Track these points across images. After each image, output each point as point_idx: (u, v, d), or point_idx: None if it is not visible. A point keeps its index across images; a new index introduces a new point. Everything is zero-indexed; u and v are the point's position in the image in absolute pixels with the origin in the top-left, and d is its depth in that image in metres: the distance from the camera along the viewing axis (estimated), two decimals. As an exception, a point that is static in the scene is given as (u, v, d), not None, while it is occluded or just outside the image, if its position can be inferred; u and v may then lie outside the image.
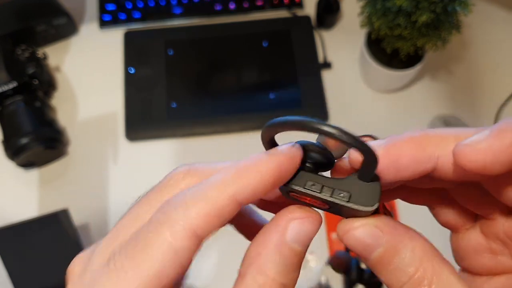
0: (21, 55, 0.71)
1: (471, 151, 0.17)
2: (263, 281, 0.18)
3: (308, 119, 0.17)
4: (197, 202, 0.18)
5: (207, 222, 0.18)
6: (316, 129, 0.17)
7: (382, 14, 0.60)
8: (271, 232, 0.19)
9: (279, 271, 0.18)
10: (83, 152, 0.73)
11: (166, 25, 0.81)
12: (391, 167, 0.18)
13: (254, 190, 0.18)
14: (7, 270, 0.57)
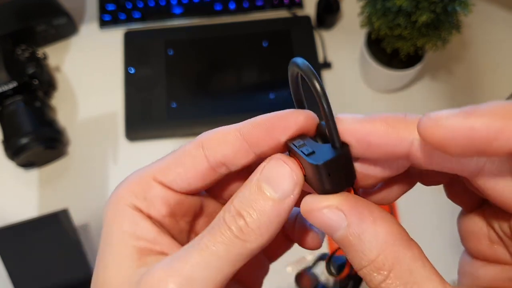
0: (21, 55, 0.71)
1: (433, 124, 0.17)
2: (228, 212, 0.19)
3: (311, 71, 0.19)
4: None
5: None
6: (309, 79, 0.19)
7: (382, 14, 0.60)
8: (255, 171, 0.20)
9: (243, 205, 0.19)
10: (83, 152, 0.73)
11: (166, 25, 0.81)
12: (361, 142, 0.19)
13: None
14: (7, 270, 0.57)
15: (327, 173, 0.19)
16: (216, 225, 0.19)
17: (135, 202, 0.21)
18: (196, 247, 0.19)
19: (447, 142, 0.16)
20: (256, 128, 0.20)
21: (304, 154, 0.19)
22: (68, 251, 0.60)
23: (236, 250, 0.19)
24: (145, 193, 0.21)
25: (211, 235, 0.19)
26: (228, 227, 0.19)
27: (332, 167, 0.19)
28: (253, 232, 0.19)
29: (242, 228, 0.19)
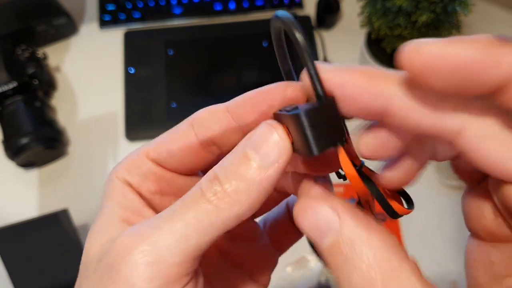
0: (21, 55, 0.71)
1: (415, 50, 0.15)
2: (206, 177, 0.19)
3: (292, 23, 0.18)
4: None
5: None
6: (290, 31, 0.18)
7: (382, 14, 0.60)
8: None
9: (223, 170, 0.18)
10: (83, 152, 0.73)
11: (166, 25, 0.81)
12: (338, 91, 0.17)
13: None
14: (7, 270, 0.57)
15: (310, 124, 0.17)
16: (191, 193, 0.18)
17: (127, 178, 0.22)
18: (166, 213, 0.18)
19: (429, 71, 0.15)
20: (242, 104, 0.20)
21: (287, 111, 0.18)
22: (68, 251, 0.60)
23: (208, 218, 0.18)
24: (138, 169, 0.22)
25: (183, 201, 0.18)
26: (202, 191, 0.18)
27: (315, 118, 0.17)
28: (229, 197, 0.18)
29: (217, 192, 0.18)
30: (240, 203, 0.18)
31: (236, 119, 0.20)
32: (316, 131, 0.17)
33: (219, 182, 0.18)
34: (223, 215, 0.18)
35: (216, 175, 0.18)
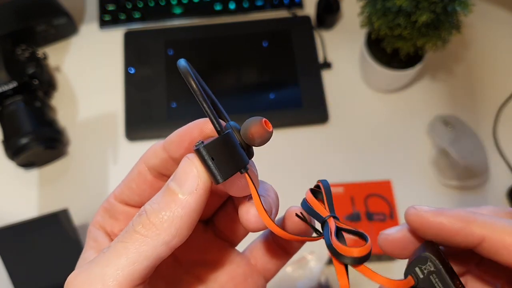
0: (21, 55, 0.71)
1: (415, 214, 0.22)
2: (137, 212, 0.21)
3: (186, 71, 0.21)
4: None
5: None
6: (185, 78, 0.21)
7: (382, 14, 0.60)
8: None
9: (150, 202, 0.21)
10: (83, 152, 0.73)
11: (166, 25, 0.81)
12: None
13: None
14: (7, 270, 0.57)
15: (210, 157, 0.19)
16: (125, 228, 0.21)
17: (101, 222, 0.25)
18: (105, 250, 0.20)
19: (424, 229, 0.22)
20: (171, 141, 0.23)
21: (196, 146, 0.20)
22: (68, 251, 0.60)
23: (137, 247, 0.19)
24: (110, 213, 0.25)
25: (118, 237, 0.20)
26: (132, 225, 0.20)
27: (215, 150, 0.19)
28: (155, 227, 0.20)
29: (144, 224, 0.20)
30: (166, 231, 0.20)
31: (169, 154, 0.23)
32: (217, 162, 0.19)
33: (146, 215, 0.20)
34: (152, 244, 0.19)
35: (144, 208, 0.20)
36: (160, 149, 0.23)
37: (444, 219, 0.21)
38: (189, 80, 0.21)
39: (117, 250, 0.20)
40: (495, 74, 0.77)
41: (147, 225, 0.20)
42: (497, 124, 0.73)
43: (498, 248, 0.20)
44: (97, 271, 0.19)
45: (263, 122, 0.21)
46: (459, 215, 0.21)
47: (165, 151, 0.23)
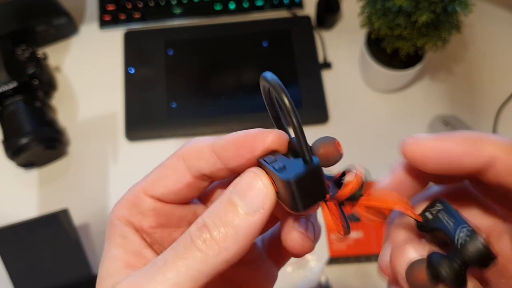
0: (21, 55, 0.71)
1: (414, 143, 0.20)
2: (195, 225, 0.20)
3: (279, 86, 0.19)
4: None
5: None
6: (278, 94, 0.19)
7: (382, 14, 0.60)
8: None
9: (211, 217, 0.19)
10: (83, 152, 0.73)
11: (166, 25, 0.81)
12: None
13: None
14: (7, 270, 0.57)
15: (299, 188, 0.18)
16: (181, 240, 0.19)
17: (128, 217, 0.23)
18: (158, 263, 0.19)
19: (425, 159, 0.20)
20: (225, 147, 0.21)
21: (275, 169, 0.19)
22: (68, 251, 0.60)
23: (198, 265, 0.18)
24: (138, 207, 0.23)
25: (173, 250, 0.19)
26: (191, 239, 0.19)
27: (304, 182, 0.19)
28: (217, 245, 0.19)
29: (206, 240, 0.19)
30: (228, 250, 0.19)
31: (221, 160, 0.21)
32: (303, 193, 0.19)
33: (207, 230, 0.19)
34: (212, 262, 0.19)
35: (205, 223, 0.19)
36: (208, 152, 0.22)
37: (450, 142, 0.19)
38: (282, 96, 0.19)
39: (176, 267, 0.18)
40: (495, 74, 0.77)
41: (209, 242, 0.19)
42: (497, 124, 0.73)
43: (510, 167, 0.18)
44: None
45: (337, 144, 0.20)
46: (465, 137, 0.19)
47: (216, 157, 0.21)
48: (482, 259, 0.18)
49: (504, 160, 0.18)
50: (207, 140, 0.22)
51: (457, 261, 0.19)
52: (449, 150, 0.19)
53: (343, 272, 0.64)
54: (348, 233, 0.20)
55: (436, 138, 0.19)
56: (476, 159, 0.19)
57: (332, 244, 0.64)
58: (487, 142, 0.19)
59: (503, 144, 0.18)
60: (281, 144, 0.20)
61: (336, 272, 0.64)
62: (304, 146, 0.19)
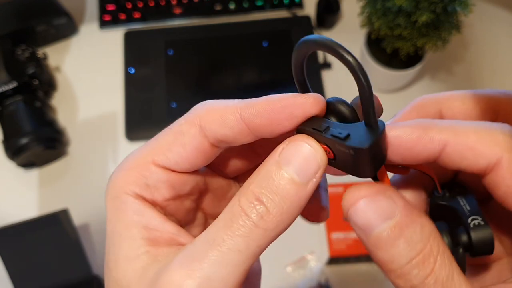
0: (21, 55, 0.71)
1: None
2: (246, 198, 0.18)
3: (337, 45, 0.18)
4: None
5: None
6: (337, 54, 0.18)
7: (382, 14, 0.60)
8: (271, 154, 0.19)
9: (264, 190, 0.18)
10: (83, 152, 0.73)
11: (166, 25, 0.81)
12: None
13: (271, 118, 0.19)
14: (7, 270, 0.57)
15: (372, 154, 0.18)
16: (233, 215, 0.18)
17: (137, 190, 0.20)
18: (214, 243, 0.18)
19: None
20: (258, 115, 0.19)
21: (339, 138, 0.18)
22: (68, 251, 0.60)
23: (257, 242, 0.18)
24: (146, 179, 0.20)
25: (228, 228, 0.18)
26: (247, 215, 0.18)
27: (376, 148, 0.18)
28: (275, 218, 0.18)
29: (263, 215, 0.18)
30: (284, 222, 0.18)
31: (252, 130, 0.20)
32: (373, 159, 0.18)
33: (262, 203, 0.18)
34: (271, 236, 0.18)
35: (257, 195, 0.18)
36: (234, 119, 0.20)
37: (400, 130, 0.19)
38: (343, 54, 0.18)
39: (237, 246, 0.17)
40: (495, 74, 0.77)
41: (266, 217, 0.18)
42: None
43: (462, 151, 0.18)
44: (216, 273, 0.17)
45: (378, 99, 0.20)
46: (416, 124, 0.19)
47: (243, 125, 0.20)
48: (484, 247, 0.19)
49: (454, 144, 0.18)
50: (231, 105, 0.20)
51: (461, 237, 0.19)
52: (401, 140, 0.19)
53: (343, 272, 0.64)
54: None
55: (389, 127, 0.19)
56: (427, 147, 0.18)
57: (332, 244, 0.64)
58: (438, 128, 0.18)
59: (455, 128, 0.18)
60: (321, 108, 0.19)
61: (336, 272, 0.64)
62: (371, 110, 0.18)
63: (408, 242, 0.17)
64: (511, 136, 0.18)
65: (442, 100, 0.22)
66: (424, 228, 0.18)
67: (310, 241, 0.65)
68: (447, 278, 0.17)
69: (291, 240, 0.63)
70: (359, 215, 0.18)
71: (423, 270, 0.17)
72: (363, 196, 0.18)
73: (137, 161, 0.21)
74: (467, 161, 0.18)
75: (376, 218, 0.18)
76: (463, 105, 0.21)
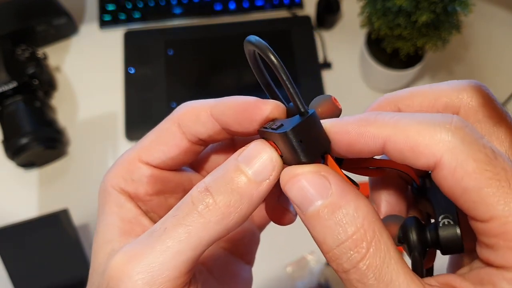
0: (21, 55, 0.71)
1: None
2: (196, 188, 0.19)
3: (265, 46, 0.19)
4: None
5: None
6: (264, 53, 0.19)
7: (382, 14, 0.60)
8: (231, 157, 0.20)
9: (215, 183, 0.19)
10: (83, 152, 0.73)
11: (166, 25, 0.81)
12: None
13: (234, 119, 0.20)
14: (7, 270, 0.57)
15: (298, 139, 0.18)
16: (182, 204, 0.19)
17: (122, 185, 0.22)
18: (158, 230, 0.18)
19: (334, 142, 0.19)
20: (225, 113, 0.21)
21: (273, 129, 0.19)
22: (68, 251, 0.60)
23: (199, 233, 0.18)
24: (132, 174, 0.22)
25: (173, 216, 0.19)
26: (193, 204, 0.18)
27: (302, 132, 0.18)
28: (221, 210, 0.18)
29: (208, 205, 0.18)
30: (231, 217, 0.18)
31: (220, 125, 0.21)
32: (305, 145, 0.18)
33: (210, 195, 0.18)
34: (215, 229, 0.18)
35: (208, 187, 0.19)
36: (206, 116, 0.21)
37: (339, 126, 0.18)
38: (269, 55, 0.19)
39: (177, 235, 0.18)
40: (495, 74, 0.77)
41: (212, 207, 0.18)
42: (497, 124, 0.73)
43: (402, 150, 0.17)
44: (154, 258, 0.18)
45: (333, 100, 0.20)
46: (358, 120, 0.18)
47: (216, 121, 0.21)
48: (452, 246, 0.19)
49: (393, 141, 0.17)
50: (204, 104, 0.21)
51: (429, 234, 0.19)
52: (342, 136, 0.18)
53: (343, 272, 0.64)
54: (358, 189, 0.19)
55: (333, 123, 0.19)
56: (368, 144, 0.18)
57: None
58: (378, 124, 0.18)
59: (396, 124, 0.17)
60: (279, 112, 0.20)
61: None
62: (296, 97, 0.19)
63: (339, 224, 0.17)
64: (455, 132, 0.16)
65: (401, 98, 0.21)
66: (358, 210, 0.17)
67: (310, 241, 0.65)
68: (382, 265, 0.16)
69: (291, 240, 0.63)
70: (293, 192, 0.18)
71: (355, 255, 0.16)
72: (298, 174, 0.18)
73: (126, 158, 0.23)
74: (408, 159, 0.17)
75: (310, 196, 0.17)
76: (424, 101, 0.21)
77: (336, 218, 0.17)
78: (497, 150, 0.16)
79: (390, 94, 0.21)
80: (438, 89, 0.21)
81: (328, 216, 0.17)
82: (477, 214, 0.16)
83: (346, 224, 0.17)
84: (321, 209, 0.17)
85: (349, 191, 0.17)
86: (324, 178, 0.18)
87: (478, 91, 0.20)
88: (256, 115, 0.20)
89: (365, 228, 0.17)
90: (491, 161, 0.16)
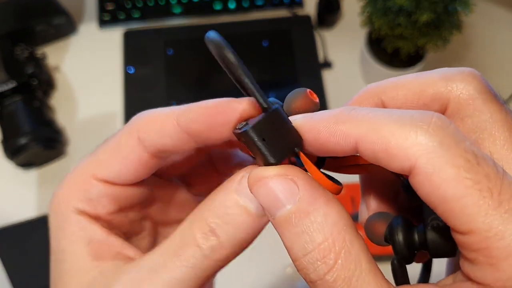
0: (20, 54, 0.70)
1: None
2: (198, 228, 0.18)
3: (222, 42, 0.18)
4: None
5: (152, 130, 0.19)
6: (220, 50, 0.18)
7: (383, 14, 0.60)
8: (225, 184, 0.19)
9: (218, 221, 0.18)
10: (83, 152, 0.72)
11: (166, 24, 0.81)
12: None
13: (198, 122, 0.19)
14: (6, 270, 0.57)
15: (261, 138, 0.17)
16: (183, 244, 0.18)
17: (79, 206, 0.20)
18: (163, 269, 0.18)
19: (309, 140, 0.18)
20: (194, 120, 0.19)
21: (238, 129, 0.18)
22: (67, 251, 0.60)
23: (206, 272, 0.18)
24: (88, 193, 0.20)
25: (177, 257, 0.18)
26: (199, 247, 0.18)
27: (265, 130, 0.17)
28: (226, 250, 0.18)
29: (214, 247, 0.18)
30: (236, 253, 0.18)
31: (191, 136, 0.19)
32: (268, 144, 0.17)
33: (215, 236, 0.18)
34: (220, 266, 0.18)
35: (211, 226, 0.18)
36: (172, 126, 0.19)
37: (310, 124, 0.17)
38: (225, 53, 0.18)
39: (184, 274, 0.18)
40: (495, 74, 0.77)
41: (218, 250, 0.18)
42: (497, 124, 0.73)
43: (375, 151, 0.15)
44: None
45: (308, 93, 0.19)
46: (329, 117, 0.17)
47: (182, 132, 0.19)
48: (441, 250, 0.17)
49: (366, 141, 0.16)
50: (168, 113, 0.20)
51: (417, 236, 0.18)
52: (314, 135, 0.17)
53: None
54: (340, 189, 0.18)
55: (304, 120, 0.17)
56: (340, 144, 0.16)
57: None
58: (349, 123, 0.16)
59: (368, 122, 0.16)
60: (255, 110, 0.19)
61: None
62: (257, 93, 0.18)
63: (307, 232, 0.16)
64: (432, 134, 0.15)
65: (385, 89, 0.19)
66: (328, 217, 0.16)
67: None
68: (351, 277, 0.15)
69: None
70: (260, 196, 0.17)
71: (322, 266, 0.15)
72: (264, 177, 0.17)
73: (78, 175, 0.21)
74: (382, 161, 0.15)
75: (277, 201, 0.16)
76: (409, 93, 0.18)
77: (304, 225, 0.16)
78: (481, 154, 0.15)
79: (374, 85, 0.19)
80: (426, 78, 0.18)
81: (296, 223, 0.16)
82: (456, 225, 0.15)
83: (313, 232, 0.15)
84: (288, 214, 0.16)
85: (319, 196, 0.16)
86: (291, 181, 0.16)
87: (470, 80, 0.18)
88: (231, 116, 0.19)
89: (334, 237, 0.15)
90: (472, 167, 0.14)
